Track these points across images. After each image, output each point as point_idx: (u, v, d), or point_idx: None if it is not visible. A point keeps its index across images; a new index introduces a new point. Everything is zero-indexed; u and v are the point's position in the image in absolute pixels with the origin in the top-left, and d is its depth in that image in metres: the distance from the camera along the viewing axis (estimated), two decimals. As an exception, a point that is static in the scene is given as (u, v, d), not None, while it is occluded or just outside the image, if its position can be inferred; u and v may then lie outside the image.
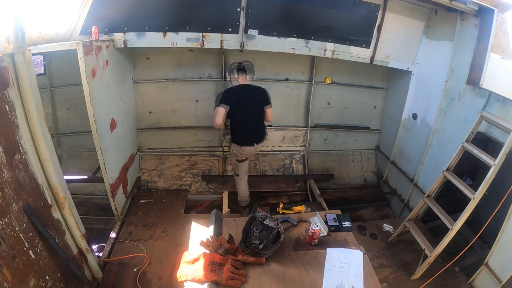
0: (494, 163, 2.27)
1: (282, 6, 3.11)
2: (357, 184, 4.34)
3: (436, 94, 3.21)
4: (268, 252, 1.82)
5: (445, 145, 3.09)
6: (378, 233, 3.17)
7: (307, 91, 4.10)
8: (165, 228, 3.09)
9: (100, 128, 2.70)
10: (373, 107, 4.29)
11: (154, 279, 2.52)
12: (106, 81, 2.84)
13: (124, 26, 3.00)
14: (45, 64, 3.35)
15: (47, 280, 1.75)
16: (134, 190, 3.63)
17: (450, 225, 2.44)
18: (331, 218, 2.19)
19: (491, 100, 2.59)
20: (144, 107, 3.87)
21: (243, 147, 3.12)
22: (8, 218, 1.47)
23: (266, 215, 1.85)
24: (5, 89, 1.53)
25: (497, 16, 2.63)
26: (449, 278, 2.60)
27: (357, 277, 1.74)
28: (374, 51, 3.42)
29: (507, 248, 2.24)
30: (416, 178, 3.50)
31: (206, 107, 3.99)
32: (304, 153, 4.33)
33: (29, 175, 1.70)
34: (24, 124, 1.68)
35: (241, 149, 3.14)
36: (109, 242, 2.83)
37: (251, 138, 3.12)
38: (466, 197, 2.42)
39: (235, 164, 3.37)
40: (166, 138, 4.05)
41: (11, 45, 1.62)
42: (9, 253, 1.46)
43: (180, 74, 3.81)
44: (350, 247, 1.95)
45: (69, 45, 2.39)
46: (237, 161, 3.29)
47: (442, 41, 3.15)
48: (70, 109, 3.79)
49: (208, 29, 3.12)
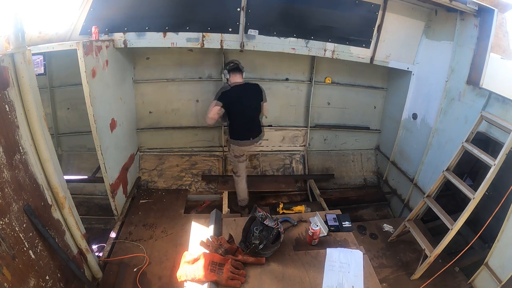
0: (494, 163, 2.27)
1: (282, 6, 3.11)
2: (357, 184, 4.34)
3: (436, 94, 3.21)
4: (268, 252, 1.82)
5: (445, 145, 3.09)
6: (378, 233, 3.17)
7: (307, 91, 4.10)
8: (165, 228, 3.09)
9: (100, 128, 2.70)
10: (373, 107, 4.29)
11: (154, 279, 2.52)
12: (106, 81, 2.84)
13: (124, 26, 3.00)
14: (45, 64, 3.35)
15: (47, 280, 1.75)
16: (134, 190, 3.63)
17: (450, 225, 2.44)
18: (331, 218, 2.19)
19: (491, 100, 2.59)
20: (144, 107, 3.87)
21: (239, 141, 3.19)
22: (8, 218, 1.47)
23: (266, 215, 1.85)
24: (5, 89, 1.53)
25: (497, 16, 2.63)
26: (449, 278, 2.60)
27: (357, 277, 1.75)
28: (374, 51, 3.42)
29: (507, 248, 2.24)
30: (416, 178, 3.50)
31: (206, 107, 3.94)
32: (304, 153, 4.33)
33: (29, 175, 1.70)
34: (24, 124, 1.68)
35: (238, 143, 3.20)
36: (109, 242, 2.83)
37: (247, 134, 3.20)
38: (466, 197, 2.42)
39: (234, 162, 3.39)
40: (166, 138, 4.05)
41: (11, 45, 1.62)
42: (9, 253, 1.46)
43: (180, 74, 3.80)
44: (350, 247, 1.95)
45: (69, 45, 2.39)
46: (235, 157, 3.31)
47: (442, 41, 3.15)
48: (70, 109, 3.79)
49: (208, 29, 3.12)
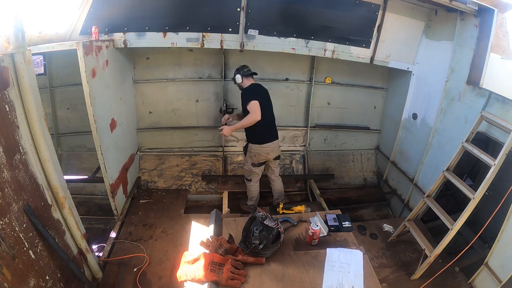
0: (494, 163, 2.27)
1: (282, 6, 3.12)
2: (357, 184, 4.34)
3: (436, 94, 3.21)
4: (268, 252, 1.82)
5: (445, 145, 3.09)
6: (378, 233, 3.17)
7: (307, 91, 4.10)
8: (165, 228, 3.09)
9: (100, 128, 2.70)
10: (373, 107, 4.29)
11: (154, 279, 2.52)
12: (106, 81, 2.84)
13: (124, 26, 3.00)
14: (45, 64, 3.35)
15: (47, 280, 1.75)
16: (134, 190, 3.63)
17: (450, 225, 2.44)
18: (331, 218, 2.19)
19: (491, 100, 2.59)
20: (144, 107, 3.87)
21: (269, 144, 3.05)
22: (8, 218, 1.48)
23: (266, 215, 1.85)
24: (5, 89, 1.53)
25: (497, 16, 2.63)
26: (449, 278, 2.60)
27: (357, 277, 1.75)
28: (374, 51, 3.42)
29: (507, 248, 2.24)
30: (416, 178, 3.50)
31: (206, 107, 3.99)
32: (304, 153, 4.33)
33: (29, 175, 1.70)
34: (24, 124, 1.68)
35: (262, 148, 3.05)
36: (109, 242, 2.83)
37: (275, 133, 3.14)
38: (466, 197, 2.42)
39: (249, 170, 3.24)
40: (166, 138, 4.05)
41: (11, 45, 1.62)
42: (9, 253, 1.46)
43: (180, 74, 3.81)
44: (350, 247, 1.95)
45: (69, 45, 2.39)
46: (254, 165, 3.16)
47: (442, 41, 3.15)
48: (70, 109, 3.80)
49: (208, 29, 3.12)
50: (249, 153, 3.15)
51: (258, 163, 3.16)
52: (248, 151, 3.14)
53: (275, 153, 3.19)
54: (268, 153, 3.11)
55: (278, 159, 3.32)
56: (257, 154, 3.09)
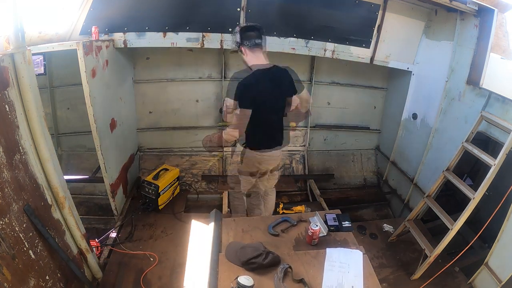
0: (494, 163, 2.27)
1: (282, 6, 3.11)
2: (357, 184, 4.33)
3: (436, 94, 3.21)
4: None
5: (445, 145, 3.09)
6: (378, 233, 3.17)
7: (307, 91, 4.09)
8: (165, 228, 3.08)
9: (100, 128, 2.70)
10: (373, 107, 4.29)
11: (154, 279, 2.51)
12: (106, 81, 2.84)
13: (124, 26, 3.00)
14: (45, 64, 3.33)
15: (47, 280, 1.75)
16: (134, 190, 3.63)
17: (450, 225, 2.44)
18: (331, 218, 2.19)
19: (491, 100, 2.58)
20: (144, 107, 3.87)
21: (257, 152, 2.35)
22: (8, 218, 1.47)
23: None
24: (5, 89, 1.53)
25: (497, 16, 2.63)
26: (449, 278, 2.60)
27: (357, 277, 1.74)
28: (374, 51, 3.42)
29: (507, 248, 2.24)
30: (416, 178, 3.50)
31: (206, 107, 3.98)
32: (304, 153, 4.33)
33: (29, 175, 1.70)
34: (24, 124, 1.68)
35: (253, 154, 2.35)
36: (109, 242, 2.83)
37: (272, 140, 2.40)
38: (466, 197, 2.42)
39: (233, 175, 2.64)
40: (166, 138, 4.05)
41: (11, 45, 1.62)
42: (9, 253, 1.46)
43: (180, 74, 3.80)
44: (350, 247, 1.95)
45: (69, 45, 2.39)
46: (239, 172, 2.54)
47: (442, 41, 3.15)
48: (70, 109, 3.79)
49: (208, 29, 3.12)
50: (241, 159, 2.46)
51: (246, 171, 2.46)
52: (241, 153, 2.45)
53: (271, 165, 2.49)
54: (261, 163, 2.39)
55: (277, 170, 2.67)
56: (247, 160, 2.40)
